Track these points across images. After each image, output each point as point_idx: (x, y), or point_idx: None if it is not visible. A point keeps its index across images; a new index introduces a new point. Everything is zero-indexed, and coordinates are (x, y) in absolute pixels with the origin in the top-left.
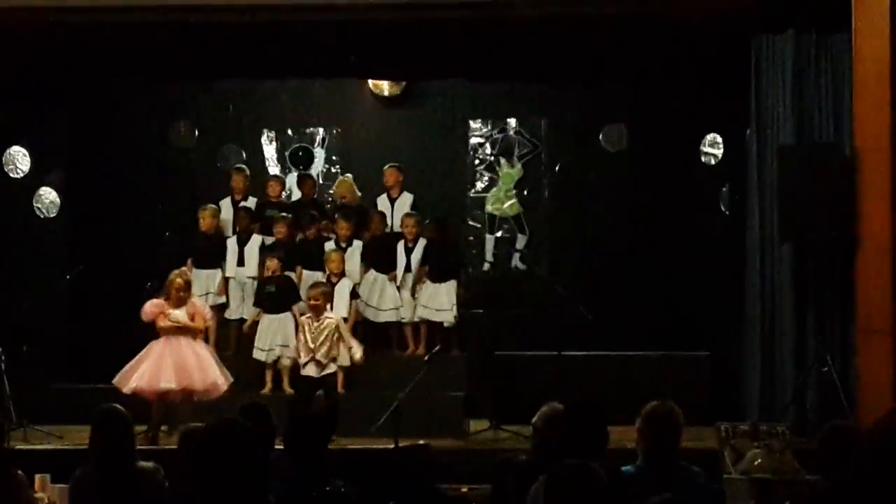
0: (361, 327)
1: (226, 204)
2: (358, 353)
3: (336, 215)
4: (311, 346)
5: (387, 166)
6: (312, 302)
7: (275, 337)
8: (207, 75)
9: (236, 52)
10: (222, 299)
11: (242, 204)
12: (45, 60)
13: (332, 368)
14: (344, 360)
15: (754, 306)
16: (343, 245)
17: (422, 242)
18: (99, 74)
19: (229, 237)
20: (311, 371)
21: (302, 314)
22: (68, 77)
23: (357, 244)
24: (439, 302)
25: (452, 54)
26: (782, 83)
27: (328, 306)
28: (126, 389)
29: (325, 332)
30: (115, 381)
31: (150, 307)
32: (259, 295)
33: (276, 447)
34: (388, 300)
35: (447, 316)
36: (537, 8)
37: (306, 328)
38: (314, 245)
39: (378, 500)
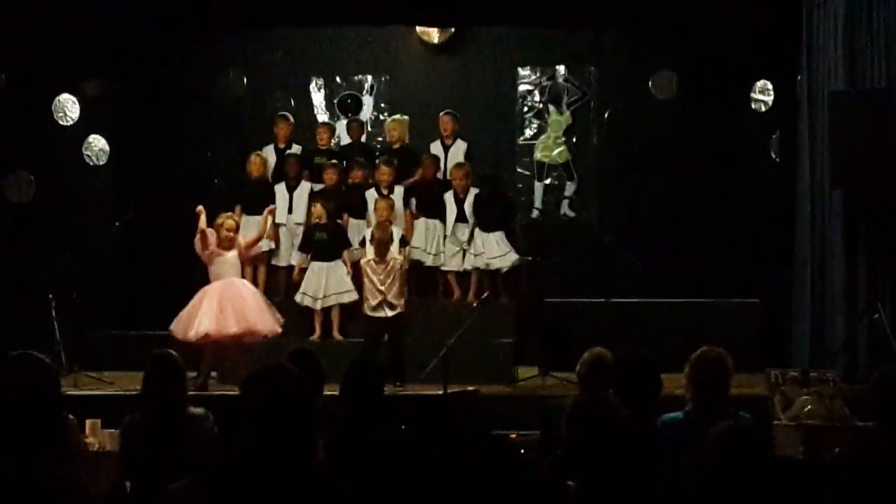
0: (411, 274)
1: (269, 151)
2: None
3: (377, 161)
4: (381, 287)
5: (442, 113)
6: (378, 244)
7: (326, 284)
8: (257, 23)
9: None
10: (272, 245)
11: (290, 151)
12: (95, 7)
13: (401, 309)
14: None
15: (804, 253)
16: (385, 192)
17: (472, 192)
18: (149, 21)
19: (277, 184)
20: (384, 312)
21: (352, 261)
22: (118, 24)
23: (398, 190)
24: (491, 250)
25: (501, 0)
26: (834, 28)
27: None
28: (192, 336)
29: (393, 273)
30: (172, 328)
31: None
32: (307, 241)
33: (325, 394)
34: (437, 244)
35: (502, 262)
36: None
37: (370, 271)
38: (359, 192)
39: (427, 446)
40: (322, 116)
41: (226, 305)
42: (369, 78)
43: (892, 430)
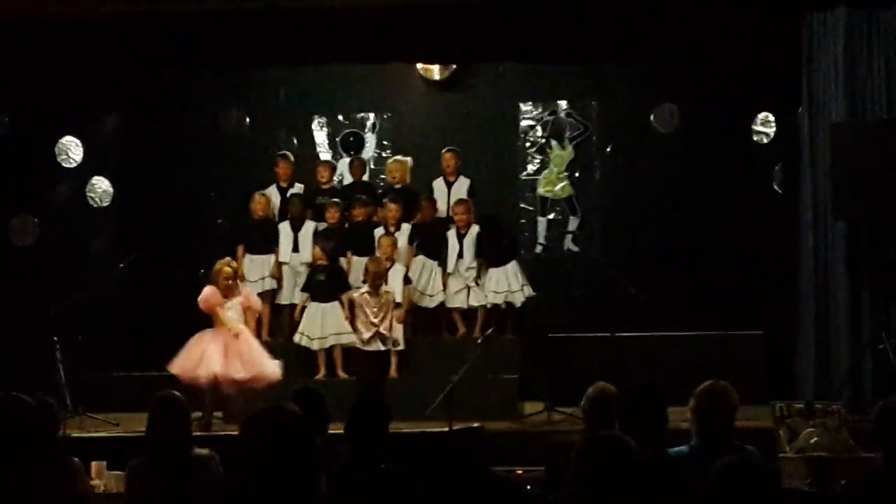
0: (413, 313)
1: (272, 191)
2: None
3: (384, 199)
4: (374, 320)
5: (445, 150)
6: (372, 278)
7: (324, 325)
8: (258, 62)
9: (286, 39)
10: (275, 285)
11: (292, 191)
12: (97, 50)
13: (398, 345)
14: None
15: (808, 285)
16: (392, 230)
17: (474, 229)
18: (150, 63)
19: (280, 223)
20: (376, 346)
21: (351, 300)
22: (120, 66)
23: (405, 228)
24: (511, 284)
25: (501, 36)
26: (834, 60)
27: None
28: (202, 375)
29: (386, 307)
30: (177, 371)
31: (209, 295)
32: (308, 281)
33: (331, 432)
34: (436, 285)
35: (516, 297)
36: None
37: (364, 304)
38: (363, 230)
39: (432, 483)
40: (325, 155)
41: (231, 351)
42: (371, 116)
43: (893, 462)
